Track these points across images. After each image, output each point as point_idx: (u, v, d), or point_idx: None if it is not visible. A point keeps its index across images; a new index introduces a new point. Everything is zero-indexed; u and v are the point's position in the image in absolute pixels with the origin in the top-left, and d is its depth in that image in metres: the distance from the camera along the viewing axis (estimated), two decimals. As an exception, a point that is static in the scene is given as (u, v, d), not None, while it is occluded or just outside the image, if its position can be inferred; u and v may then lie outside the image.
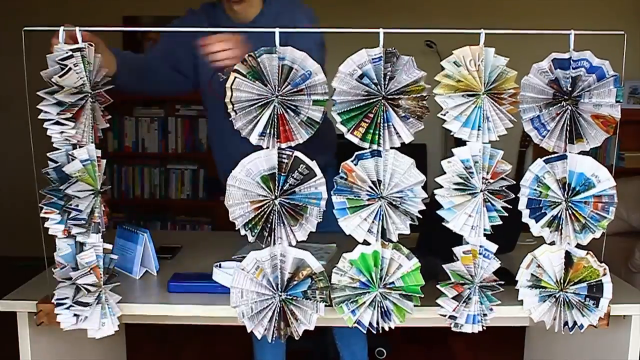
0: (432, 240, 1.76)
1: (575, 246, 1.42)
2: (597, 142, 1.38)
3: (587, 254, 1.42)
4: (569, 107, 1.37)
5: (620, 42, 1.35)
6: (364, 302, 1.39)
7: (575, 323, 1.44)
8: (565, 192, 1.39)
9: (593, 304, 1.43)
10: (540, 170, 1.39)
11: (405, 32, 1.44)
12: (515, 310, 1.47)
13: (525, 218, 1.42)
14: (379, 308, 1.40)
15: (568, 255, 1.42)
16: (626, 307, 1.48)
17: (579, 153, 1.39)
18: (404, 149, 1.37)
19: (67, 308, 1.39)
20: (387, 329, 1.41)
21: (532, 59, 1.39)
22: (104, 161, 1.40)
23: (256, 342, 2.30)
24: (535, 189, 1.40)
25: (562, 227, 1.40)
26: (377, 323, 1.40)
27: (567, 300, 1.43)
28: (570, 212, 1.39)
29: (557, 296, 1.43)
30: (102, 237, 1.39)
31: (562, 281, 1.42)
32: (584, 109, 1.36)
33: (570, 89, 1.35)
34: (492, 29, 1.33)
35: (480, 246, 1.38)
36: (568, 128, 1.37)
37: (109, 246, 1.42)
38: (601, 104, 1.35)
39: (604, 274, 1.42)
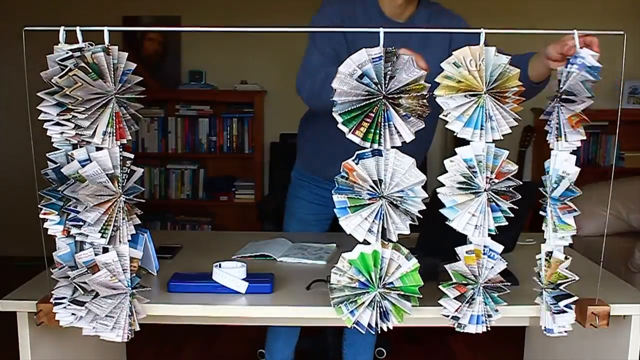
0: (432, 241, 1.76)
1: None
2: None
3: (566, 258, 1.40)
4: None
5: (620, 42, 1.35)
6: (363, 303, 1.39)
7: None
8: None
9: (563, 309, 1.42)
10: None
11: (405, 31, 1.44)
12: (515, 310, 1.47)
13: None
14: (378, 308, 1.39)
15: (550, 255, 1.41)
16: (626, 307, 1.48)
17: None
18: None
19: (65, 307, 1.39)
20: (385, 329, 1.40)
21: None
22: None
23: (271, 328, 2.29)
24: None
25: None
26: (376, 324, 1.40)
27: (547, 302, 1.43)
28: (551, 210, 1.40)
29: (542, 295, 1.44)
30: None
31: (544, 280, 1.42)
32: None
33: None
34: (492, 29, 1.33)
35: (485, 246, 1.38)
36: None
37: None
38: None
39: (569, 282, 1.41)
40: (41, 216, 1.37)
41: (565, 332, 1.43)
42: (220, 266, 1.57)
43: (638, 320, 1.51)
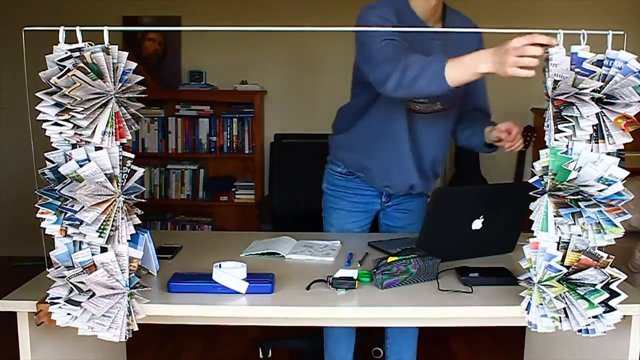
0: (432, 241, 1.76)
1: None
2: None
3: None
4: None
5: (620, 42, 1.35)
6: None
7: None
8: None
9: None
10: None
11: (406, 30, 1.44)
12: (515, 310, 1.47)
13: None
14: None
15: None
16: (626, 307, 1.47)
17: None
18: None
19: (60, 307, 1.39)
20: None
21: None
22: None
23: (329, 336, 2.28)
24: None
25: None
26: None
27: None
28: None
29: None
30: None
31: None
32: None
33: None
34: (493, 29, 1.33)
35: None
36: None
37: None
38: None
39: None
40: (38, 215, 1.37)
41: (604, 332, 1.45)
42: (220, 266, 1.57)
43: (638, 321, 1.51)
